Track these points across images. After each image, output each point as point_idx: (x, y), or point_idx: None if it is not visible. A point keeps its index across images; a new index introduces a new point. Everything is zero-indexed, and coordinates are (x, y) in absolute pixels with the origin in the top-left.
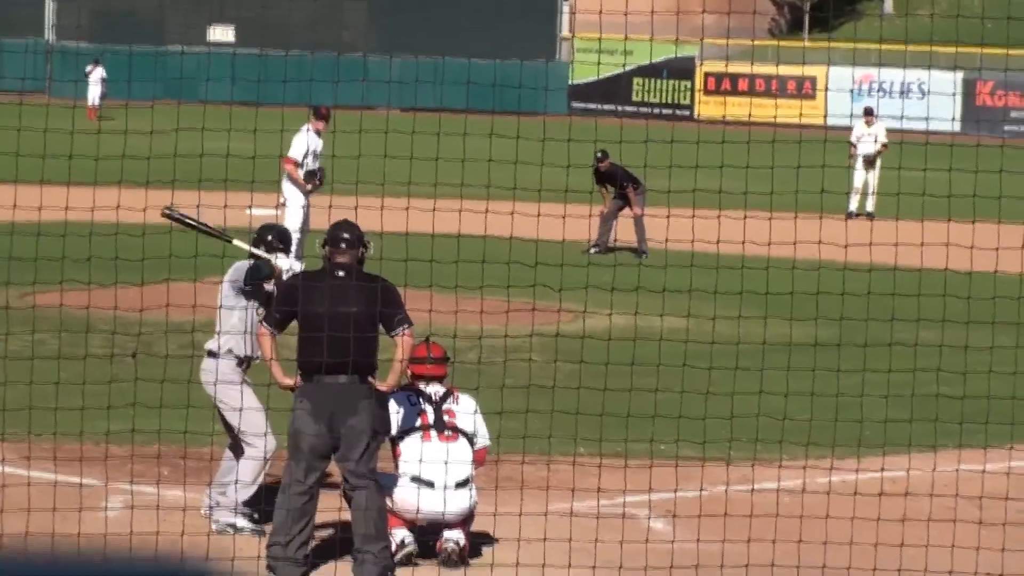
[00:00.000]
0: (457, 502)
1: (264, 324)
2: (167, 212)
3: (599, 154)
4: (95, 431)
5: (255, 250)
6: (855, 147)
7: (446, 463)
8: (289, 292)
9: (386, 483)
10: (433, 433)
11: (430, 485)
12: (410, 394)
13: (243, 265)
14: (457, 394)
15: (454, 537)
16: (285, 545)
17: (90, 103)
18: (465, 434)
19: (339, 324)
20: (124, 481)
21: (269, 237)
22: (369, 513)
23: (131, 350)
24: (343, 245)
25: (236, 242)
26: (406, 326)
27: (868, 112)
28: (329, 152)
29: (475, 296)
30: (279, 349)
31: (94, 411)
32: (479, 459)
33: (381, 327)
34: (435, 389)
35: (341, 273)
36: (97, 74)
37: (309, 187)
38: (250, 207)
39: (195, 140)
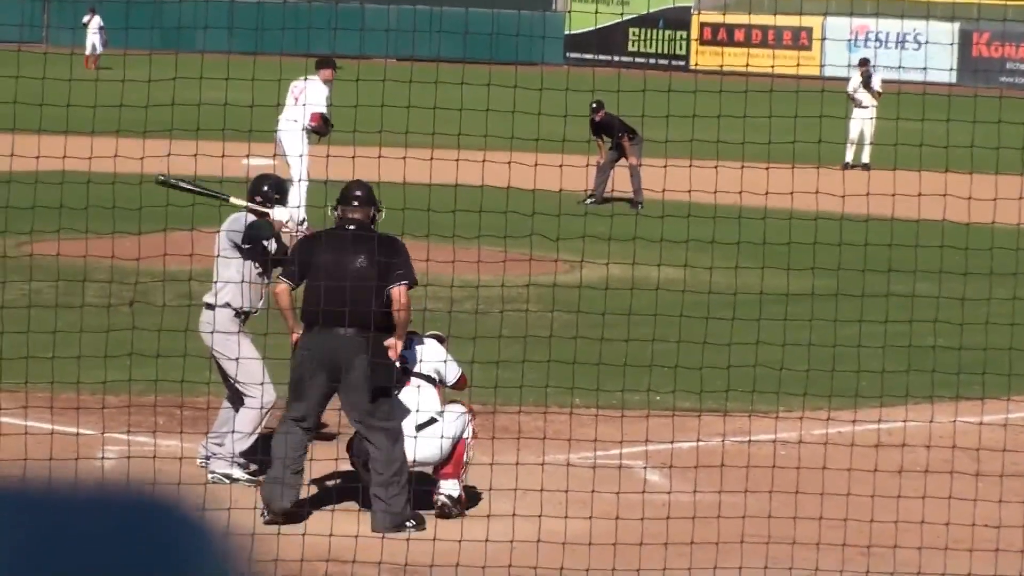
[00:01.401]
0: (424, 449)
1: (282, 278)
2: (162, 180)
3: (594, 104)
4: (92, 380)
5: (252, 205)
6: (854, 98)
7: (416, 411)
8: (303, 245)
9: None
10: None
11: None
12: None
13: (241, 216)
14: (419, 338)
15: (447, 490)
16: (283, 472)
17: (88, 52)
18: (427, 378)
19: (343, 277)
20: (121, 431)
21: (265, 188)
22: (376, 463)
23: (128, 299)
24: (355, 203)
25: (233, 200)
26: (404, 281)
27: (863, 63)
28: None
29: (472, 246)
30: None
31: (91, 360)
32: (460, 386)
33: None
34: None
35: (352, 227)
36: (95, 23)
37: (325, 134)
38: (247, 156)
39: (193, 90)
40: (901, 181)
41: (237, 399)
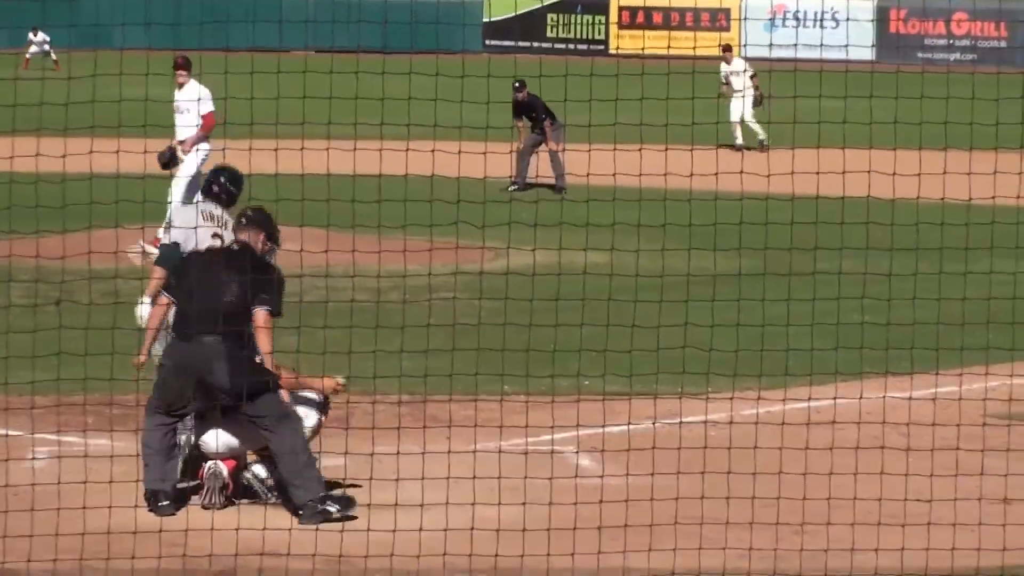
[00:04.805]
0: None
1: (164, 293)
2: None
3: (517, 84)
4: (20, 381)
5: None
6: (727, 85)
7: None
8: (184, 262)
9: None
10: None
11: None
12: None
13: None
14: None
15: (257, 471)
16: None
17: (28, 55)
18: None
19: (211, 293)
20: (51, 431)
21: (222, 179)
22: (280, 457)
23: (54, 299)
24: (243, 220)
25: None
26: (267, 307)
27: (726, 49)
28: (248, 95)
29: (398, 236)
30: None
31: (18, 361)
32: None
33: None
34: None
35: (235, 247)
36: (40, 37)
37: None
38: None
39: (112, 87)
40: (825, 159)
41: None
